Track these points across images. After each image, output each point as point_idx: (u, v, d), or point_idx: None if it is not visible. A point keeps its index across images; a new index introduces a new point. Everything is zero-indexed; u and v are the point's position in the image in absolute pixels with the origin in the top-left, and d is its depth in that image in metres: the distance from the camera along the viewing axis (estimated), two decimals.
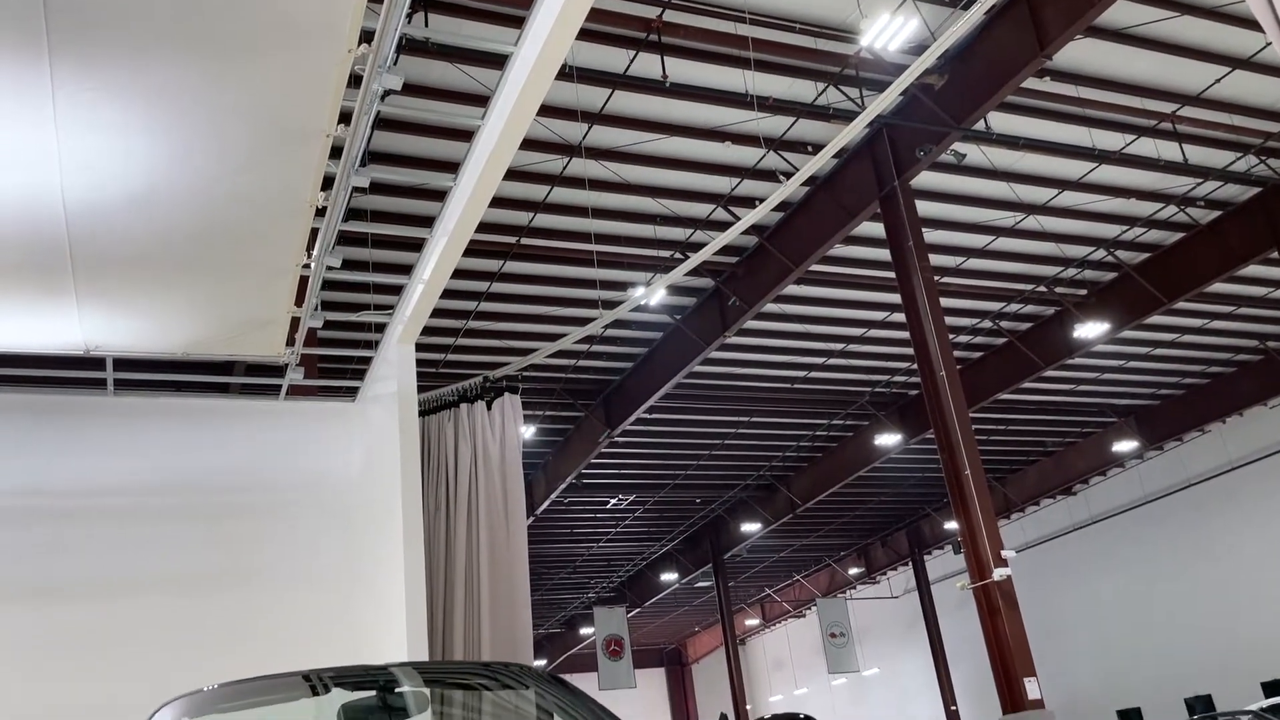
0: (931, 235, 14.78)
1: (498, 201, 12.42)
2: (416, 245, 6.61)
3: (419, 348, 7.54)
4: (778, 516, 26.05)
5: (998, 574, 12.72)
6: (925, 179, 14.16)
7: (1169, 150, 14.39)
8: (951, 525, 25.85)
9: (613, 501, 25.40)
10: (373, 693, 3.37)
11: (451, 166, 6.05)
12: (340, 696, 3.37)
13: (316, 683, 3.42)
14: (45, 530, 6.51)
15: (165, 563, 6.70)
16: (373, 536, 7.04)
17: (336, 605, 6.93)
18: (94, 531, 6.61)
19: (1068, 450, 25.45)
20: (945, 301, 15.09)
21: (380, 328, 7.63)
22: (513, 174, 12.32)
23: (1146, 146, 14.25)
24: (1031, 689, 12.28)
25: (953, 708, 28.67)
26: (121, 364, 6.80)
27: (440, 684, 3.79)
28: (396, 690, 3.39)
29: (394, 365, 7.16)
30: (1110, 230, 16.44)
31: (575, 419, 20.32)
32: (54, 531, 6.53)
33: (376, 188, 12.13)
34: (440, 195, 6.23)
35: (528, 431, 19.34)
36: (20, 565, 6.38)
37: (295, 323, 6.48)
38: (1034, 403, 22.36)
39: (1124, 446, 23.80)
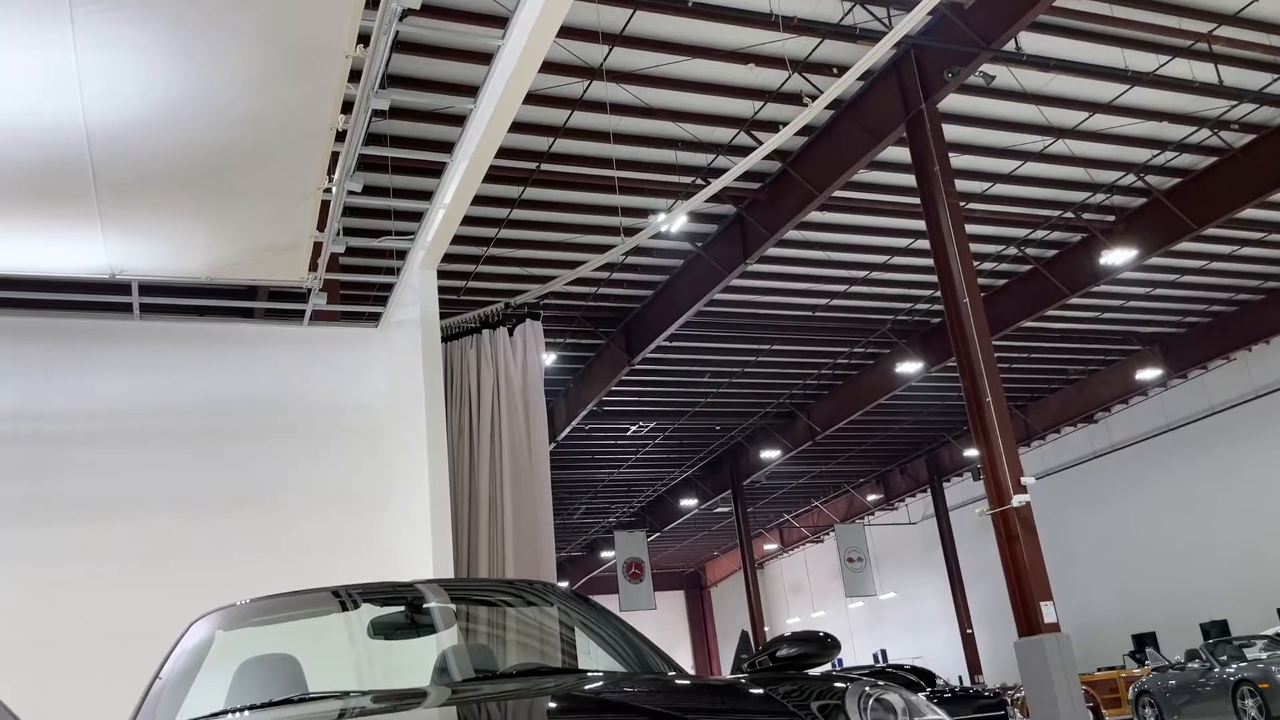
0: (958, 160, 14.56)
1: (517, 126, 12.29)
2: (437, 171, 6.57)
3: (440, 275, 7.55)
4: (797, 444, 26.20)
5: (1017, 500, 12.79)
6: (952, 102, 13.89)
7: (1204, 72, 14.03)
8: (971, 452, 25.93)
9: (633, 428, 25.59)
10: (400, 608, 3.45)
11: (471, 90, 5.98)
12: (369, 612, 3.45)
13: (346, 599, 3.50)
14: (73, 452, 6.63)
15: (194, 484, 6.83)
16: (398, 460, 7.14)
17: (363, 526, 7.06)
18: (121, 454, 6.73)
19: (1090, 378, 25.34)
20: (970, 228, 14.91)
21: (402, 254, 7.64)
22: (532, 98, 12.17)
23: (1181, 68, 13.89)
24: (1048, 613, 12.43)
25: (968, 631, 29.07)
26: (147, 289, 6.85)
27: (466, 600, 3.87)
28: (423, 606, 3.47)
29: (416, 290, 7.18)
30: (1141, 155, 16.13)
31: (596, 347, 20.37)
32: (81, 453, 6.65)
33: (396, 112, 12.04)
34: (460, 120, 6.18)
35: (549, 359, 19.44)
36: (49, 487, 6.52)
37: (317, 248, 6.49)
38: (1057, 330, 22.22)
39: (1148, 374, 23.67)
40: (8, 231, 5.55)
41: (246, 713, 2.56)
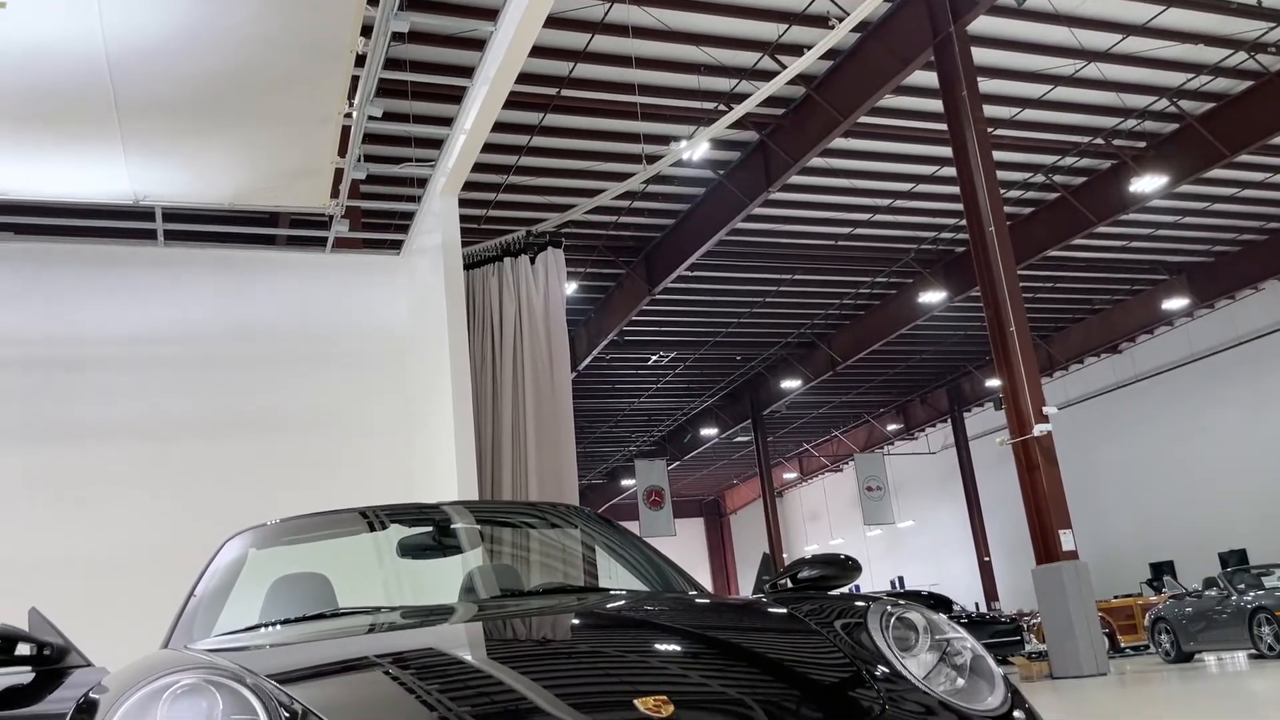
0: (986, 85, 14.25)
1: (538, 50, 12.07)
2: (457, 97, 6.52)
3: (461, 203, 7.54)
4: (818, 374, 26.19)
5: (1038, 430, 12.78)
6: (982, 24, 13.55)
7: None
8: (993, 383, 25.84)
9: (654, 358, 25.63)
10: (428, 529, 3.51)
11: (491, 14, 5.89)
12: (397, 532, 3.51)
13: (374, 519, 3.56)
14: (102, 377, 6.73)
15: (221, 410, 6.93)
16: (422, 385, 7.20)
17: (388, 451, 7.15)
18: (150, 380, 6.83)
19: (1115, 308, 25.10)
20: (997, 155, 14.66)
21: (422, 182, 7.62)
22: (553, 21, 11.96)
23: None
24: (1066, 540, 12.50)
25: (985, 559, 29.32)
26: (170, 216, 6.87)
27: (492, 522, 3.93)
28: (450, 527, 3.53)
29: (438, 218, 7.18)
30: (1174, 79, 15.73)
31: (617, 276, 20.31)
32: (110, 379, 6.75)
33: (415, 37, 11.86)
34: (480, 44, 6.10)
35: (570, 288, 19.41)
36: (79, 411, 6.63)
37: (339, 174, 6.48)
38: (1083, 260, 21.95)
39: (1174, 304, 23.41)
40: (33, 156, 5.56)
41: (279, 626, 2.63)
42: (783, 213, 18.41)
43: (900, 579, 32.01)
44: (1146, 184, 17.23)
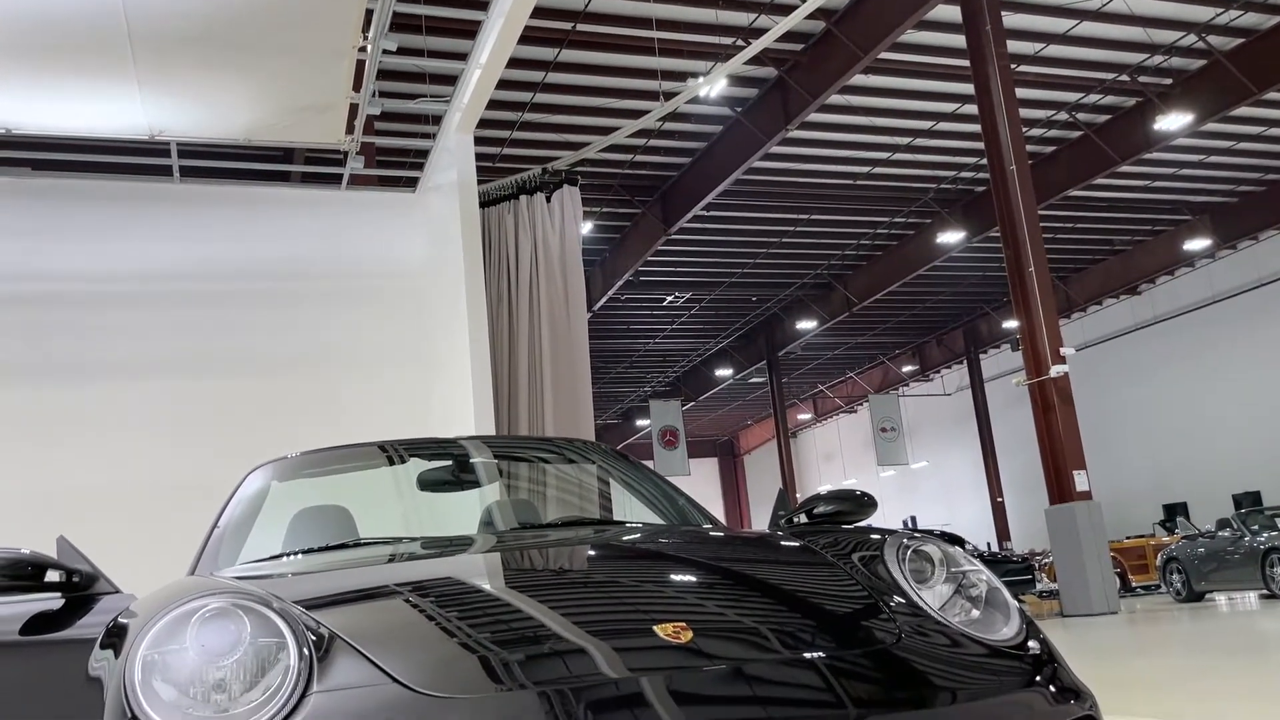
0: (1010, 19, 13.94)
1: None
2: (472, 32, 6.43)
3: (476, 140, 7.48)
4: (834, 315, 26.10)
5: (1055, 371, 12.75)
6: None
7: None
8: (1010, 324, 25.72)
9: (669, 298, 25.58)
10: (447, 463, 3.54)
11: None
12: (416, 466, 3.55)
13: (393, 453, 3.59)
14: (122, 314, 6.77)
15: (238, 346, 6.97)
16: (438, 324, 7.22)
17: (405, 389, 7.19)
18: (167, 316, 6.86)
19: (1136, 249, 24.83)
20: (1020, 92, 14.39)
21: (437, 119, 7.55)
22: None
23: None
24: (1080, 481, 12.53)
25: (998, 500, 29.45)
26: (186, 152, 6.85)
27: (510, 456, 3.96)
28: (469, 461, 3.56)
29: (453, 155, 7.13)
30: (1203, 13, 15.35)
31: (632, 216, 20.19)
32: (129, 316, 6.78)
33: None
34: None
35: (585, 227, 19.32)
36: (99, 347, 6.68)
37: (354, 110, 6.43)
38: (1104, 200, 21.67)
39: (1196, 245, 23.14)
40: (48, 91, 5.53)
41: (302, 555, 2.67)
42: (801, 151, 18.19)
43: (913, 519, 32.22)
44: (1171, 122, 16.92)
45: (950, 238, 21.20)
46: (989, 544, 27.34)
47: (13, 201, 6.61)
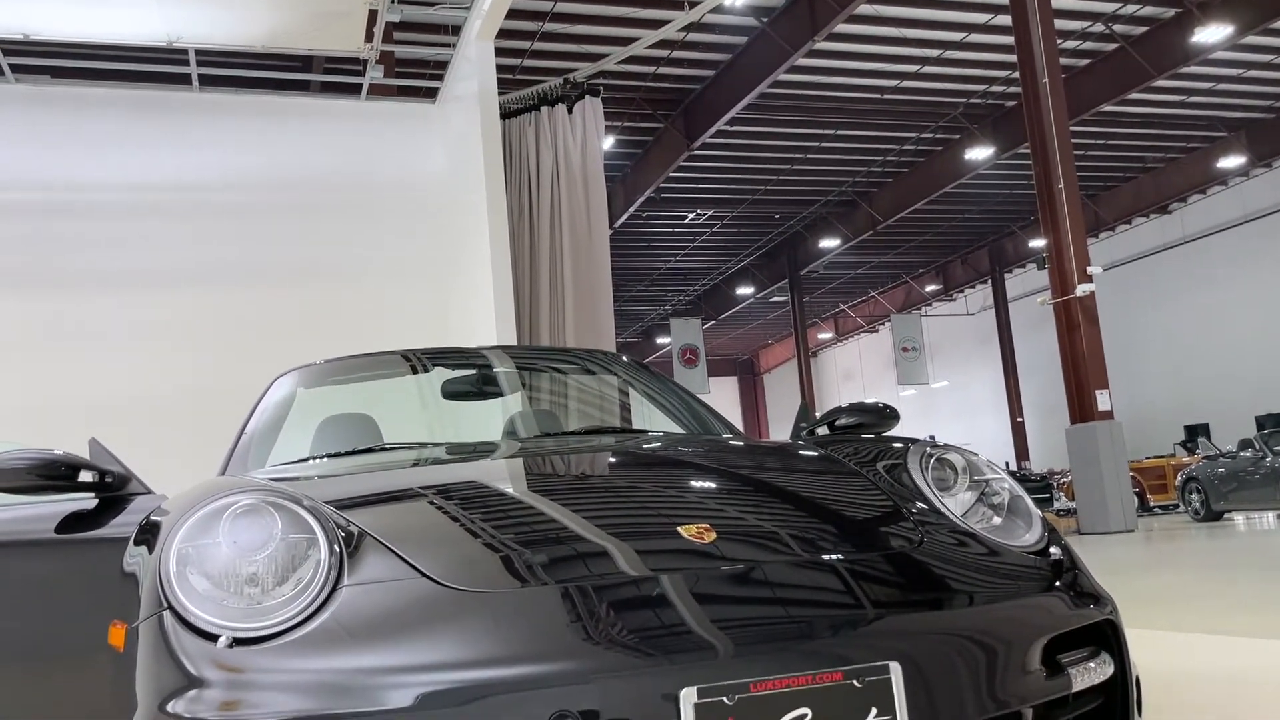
0: None
1: None
2: None
3: (496, 51, 7.35)
4: (857, 233, 25.82)
5: (1081, 290, 12.62)
6: None
7: None
8: (1036, 243, 25.39)
9: (691, 216, 25.35)
10: (470, 372, 3.56)
11: None
12: (440, 375, 3.57)
13: (416, 362, 3.62)
14: (140, 224, 6.78)
15: (258, 257, 6.98)
16: (459, 235, 7.20)
17: (426, 301, 7.21)
18: (187, 226, 6.87)
19: (1168, 167, 24.32)
20: (1056, 1, 13.95)
21: (457, 29, 7.42)
22: None
23: None
24: (1102, 400, 12.50)
25: (1019, 419, 29.46)
26: (205, 60, 6.77)
27: (533, 366, 3.98)
28: (492, 370, 3.57)
29: (473, 64, 7.02)
30: None
31: (654, 131, 19.89)
32: (149, 225, 6.80)
33: None
34: None
35: (607, 142, 19.08)
36: (119, 258, 6.71)
37: (373, 16, 6.32)
38: (1138, 115, 21.15)
39: (1230, 163, 22.63)
40: None
41: (329, 459, 2.70)
42: (827, 64, 17.78)
43: (932, 438, 32.13)
44: (1211, 34, 16.40)
45: (979, 154, 20.81)
46: (1007, 463, 27.44)
47: (33, 110, 6.58)
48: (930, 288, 33.63)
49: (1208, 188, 24.49)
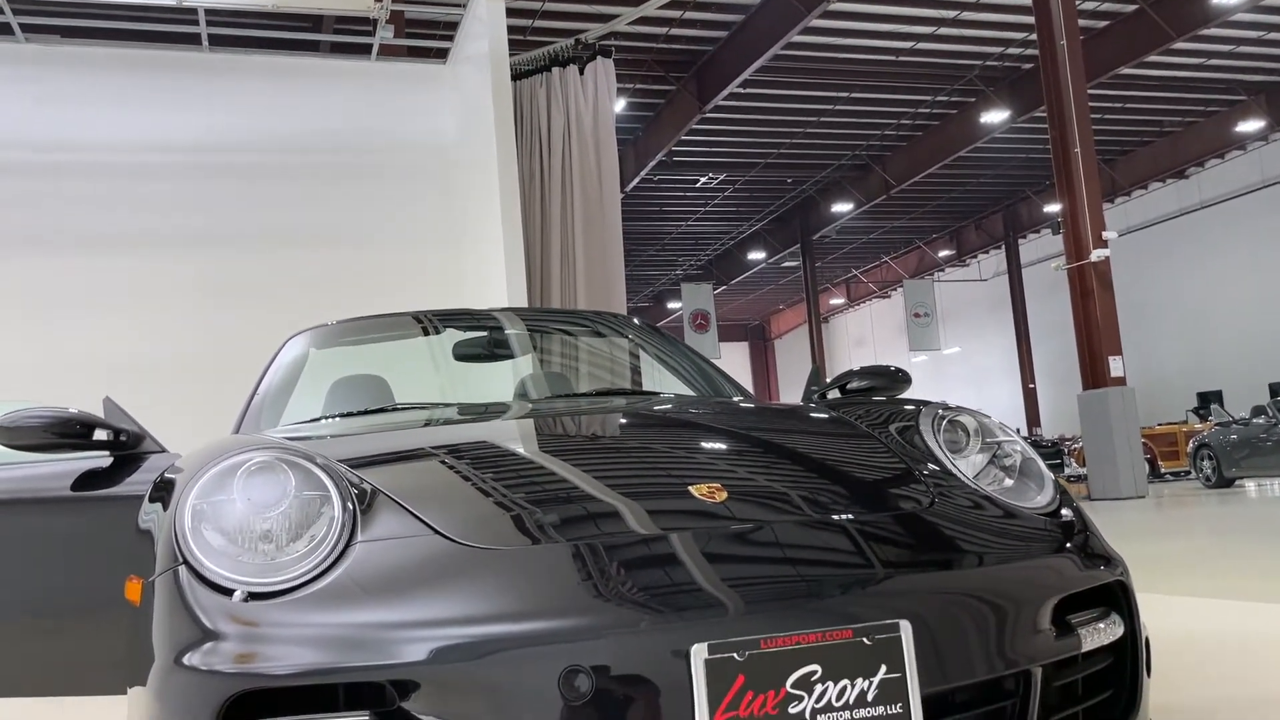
0: None
1: None
2: None
3: (507, 12, 7.28)
4: (870, 198, 25.65)
5: (1096, 255, 12.53)
6: None
7: None
8: (1051, 208, 25.20)
9: (702, 180, 25.21)
10: (482, 333, 3.56)
11: None
12: (451, 337, 3.57)
13: (428, 323, 3.62)
14: (150, 185, 6.77)
15: (269, 219, 6.98)
16: (470, 198, 7.17)
17: (436, 264, 7.20)
18: (197, 187, 6.87)
19: (1185, 131, 24.03)
20: None
21: None
22: None
23: None
24: (1115, 366, 12.45)
25: (1030, 386, 29.39)
26: (214, 20, 6.73)
27: (544, 329, 3.97)
28: (503, 332, 3.57)
29: (484, 24, 6.96)
30: None
31: (666, 93, 19.74)
32: (158, 187, 6.79)
33: None
34: None
35: (618, 105, 18.93)
36: (131, 219, 6.71)
37: None
38: (1156, 79, 20.87)
39: (1249, 127, 22.36)
40: None
41: (341, 419, 2.71)
42: (842, 25, 17.58)
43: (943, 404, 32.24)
44: None
45: (994, 117, 20.60)
46: (1018, 429, 27.42)
47: (44, 69, 6.56)
48: (943, 253, 33.44)
49: (1225, 152, 24.21)
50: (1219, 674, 3.02)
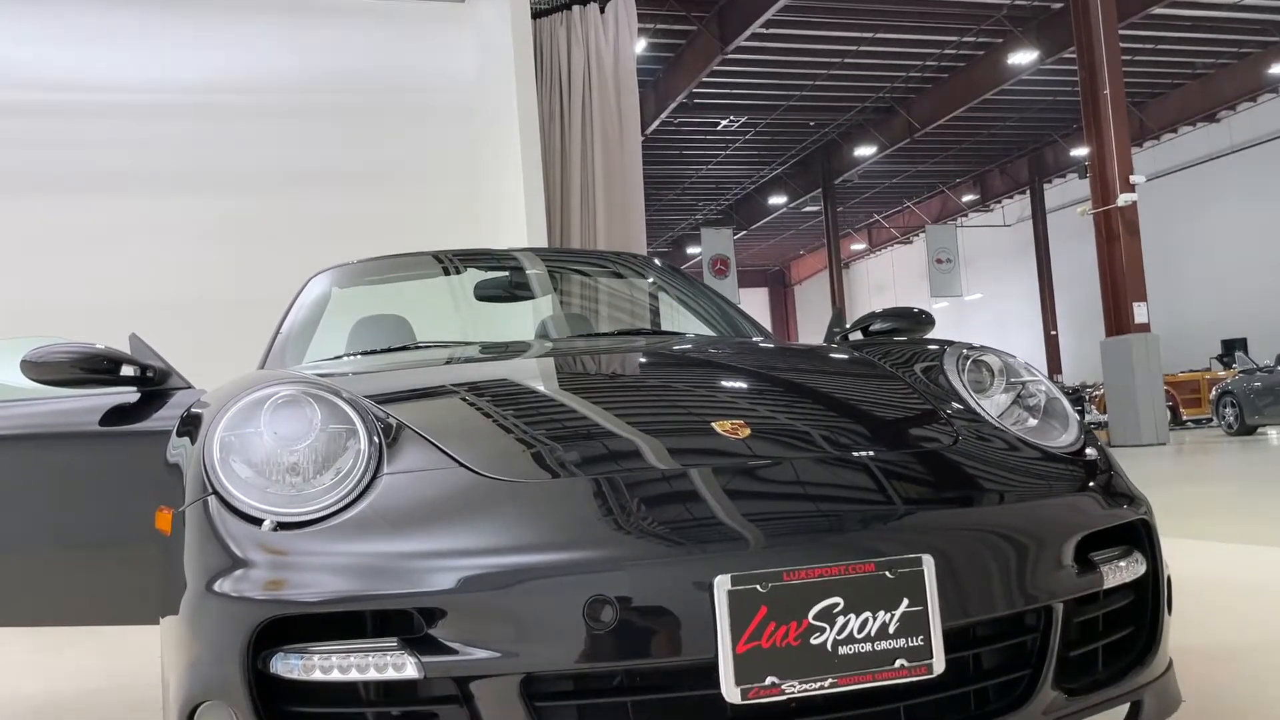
0: None
1: None
2: None
3: None
4: (894, 141, 25.31)
5: (1122, 199, 12.36)
6: None
7: None
8: (1078, 152, 24.81)
9: (724, 123, 24.92)
10: (504, 273, 3.55)
11: None
12: (472, 277, 3.57)
13: (449, 263, 3.61)
14: (169, 125, 6.75)
15: (288, 159, 6.96)
16: (490, 139, 7.12)
17: (456, 205, 7.18)
18: (215, 128, 6.84)
19: (1218, 73, 23.50)
20: None
21: None
22: None
23: None
24: (1139, 313, 12.35)
25: (1053, 333, 29.21)
26: None
27: (565, 269, 3.96)
28: (524, 271, 3.56)
29: None
30: None
31: (687, 33, 19.44)
32: (177, 126, 6.77)
33: None
34: None
35: (639, 45, 18.66)
36: (154, 158, 6.71)
37: None
38: (1189, 19, 20.37)
39: None
40: None
41: (364, 356, 2.72)
42: None
43: None
44: None
45: (1022, 59, 20.20)
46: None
47: (60, 8, 6.52)
48: (967, 198, 33.06)
49: (1259, 95, 23.70)
50: (1238, 618, 3.03)
